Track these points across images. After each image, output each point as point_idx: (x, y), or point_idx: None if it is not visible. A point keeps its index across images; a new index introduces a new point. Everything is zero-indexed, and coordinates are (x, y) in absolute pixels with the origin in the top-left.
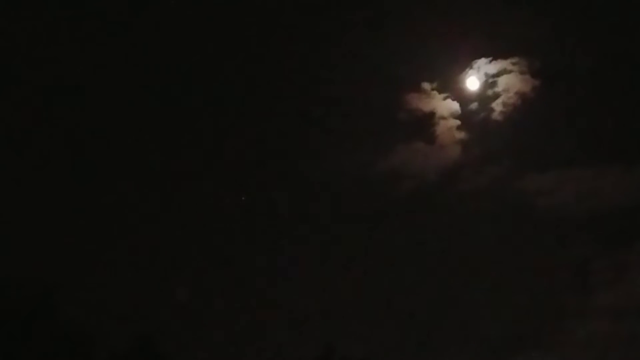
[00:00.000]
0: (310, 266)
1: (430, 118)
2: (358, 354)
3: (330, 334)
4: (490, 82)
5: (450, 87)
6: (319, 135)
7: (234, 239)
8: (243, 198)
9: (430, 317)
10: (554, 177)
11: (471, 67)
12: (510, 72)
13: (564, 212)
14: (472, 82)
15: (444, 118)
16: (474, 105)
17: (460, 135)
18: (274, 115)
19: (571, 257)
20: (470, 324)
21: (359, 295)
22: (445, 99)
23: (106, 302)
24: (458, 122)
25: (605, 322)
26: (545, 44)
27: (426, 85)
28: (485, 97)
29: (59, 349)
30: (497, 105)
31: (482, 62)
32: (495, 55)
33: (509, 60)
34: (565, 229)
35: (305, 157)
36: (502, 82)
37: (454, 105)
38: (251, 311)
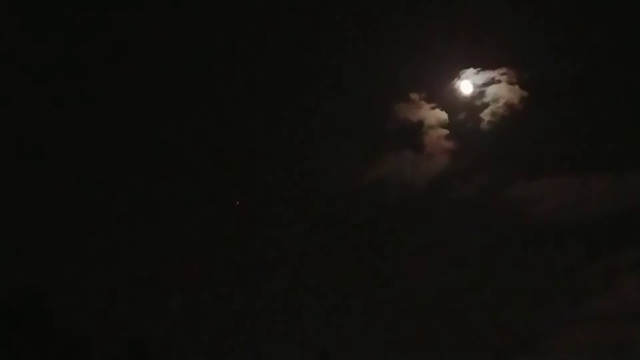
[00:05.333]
0: (302, 272)
1: (418, 127)
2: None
3: (325, 339)
4: (478, 92)
5: (439, 97)
6: (309, 145)
7: (227, 243)
8: (237, 202)
9: (421, 324)
10: (542, 186)
11: (459, 78)
12: (498, 82)
13: (553, 219)
14: (461, 92)
15: (432, 127)
16: (462, 115)
17: (449, 144)
18: (264, 125)
19: (561, 264)
20: (460, 330)
21: (351, 302)
22: (433, 108)
23: (100, 306)
24: (446, 131)
25: (595, 328)
26: (533, 54)
27: (415, 96)
28: (473, 107)
29: (52, 352)
30: (485, 115)
31: (470, 72)
32: (483, 66)
33: (497, 71)
34: (554, 237)
35: (296, 167)
36: (491, 92)
37: (442, 115)
38: (245, 316)
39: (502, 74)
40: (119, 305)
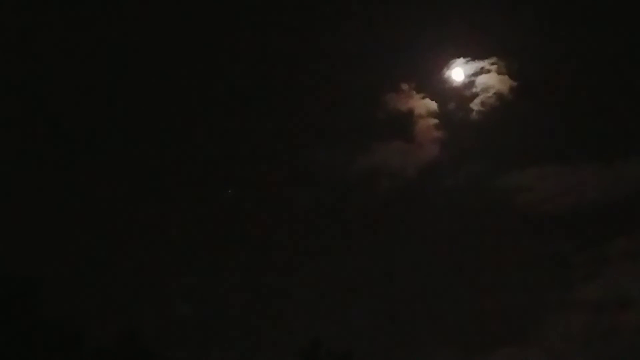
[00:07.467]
0: (293, 262)
1: (408, 117)
2: (342, 348)
3: (316, 329)
4: (468, 82)
5: (429, 86)
6: (299, 135)
7: (219, 234)
8: (230, 191)
9: (413, 312)
10: (532, 175)
11: (449, 67)
12: (488, 72)
13: (543, 208)
14: (451, 82)
15: (422, 117)
16: (452, 105)
17: (439, 133)
18: (253, 115)
19: (551, 252)
20: (452, 318)
21: (342, 291)
22: (423, 98)
23: (93, 297)
24: (436, 121)
25: (586, 315)
26: (523, 45)
27: (405, 85)
28: (463, 97)
29: (46, 343)
30: (475, 105)
31: (460, 62)
32: (473, 56)
33: (487, 61)
34: (544, 225)
35: (286, 156)
36: (480, 82)
37: (432, 105)
38: (237, 306)
39: (492, 64)
40: (112, 297)
